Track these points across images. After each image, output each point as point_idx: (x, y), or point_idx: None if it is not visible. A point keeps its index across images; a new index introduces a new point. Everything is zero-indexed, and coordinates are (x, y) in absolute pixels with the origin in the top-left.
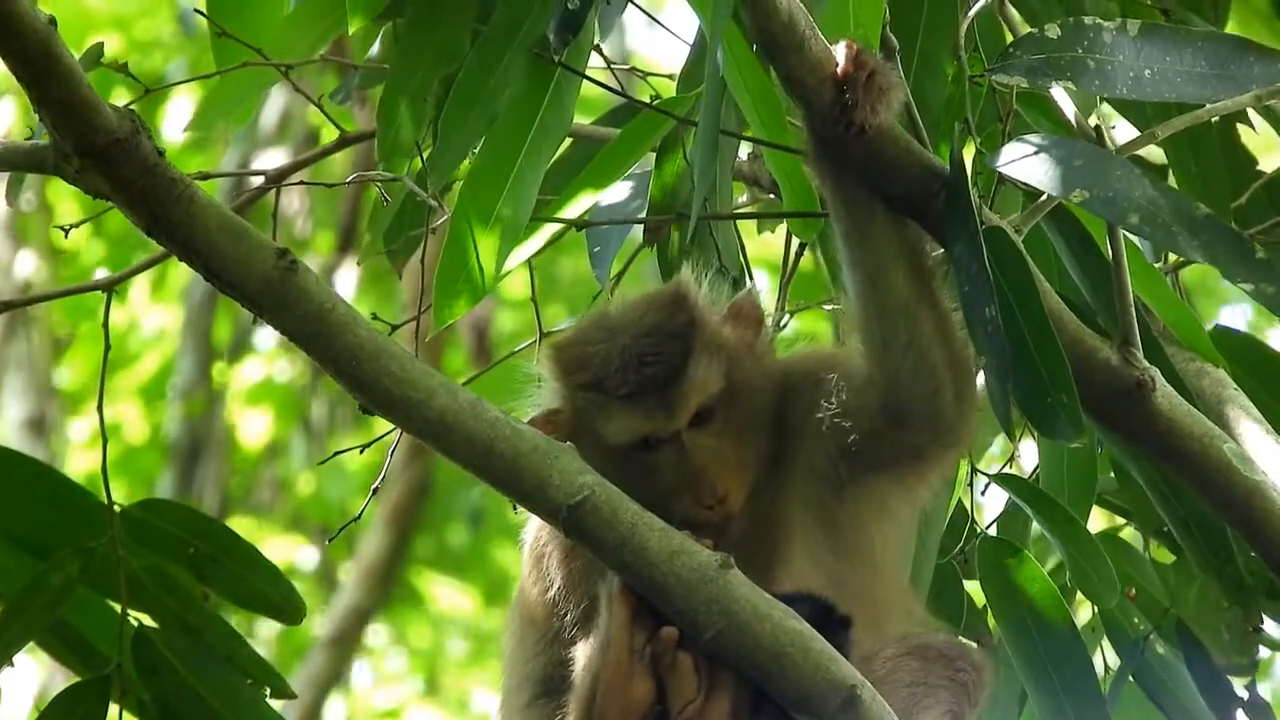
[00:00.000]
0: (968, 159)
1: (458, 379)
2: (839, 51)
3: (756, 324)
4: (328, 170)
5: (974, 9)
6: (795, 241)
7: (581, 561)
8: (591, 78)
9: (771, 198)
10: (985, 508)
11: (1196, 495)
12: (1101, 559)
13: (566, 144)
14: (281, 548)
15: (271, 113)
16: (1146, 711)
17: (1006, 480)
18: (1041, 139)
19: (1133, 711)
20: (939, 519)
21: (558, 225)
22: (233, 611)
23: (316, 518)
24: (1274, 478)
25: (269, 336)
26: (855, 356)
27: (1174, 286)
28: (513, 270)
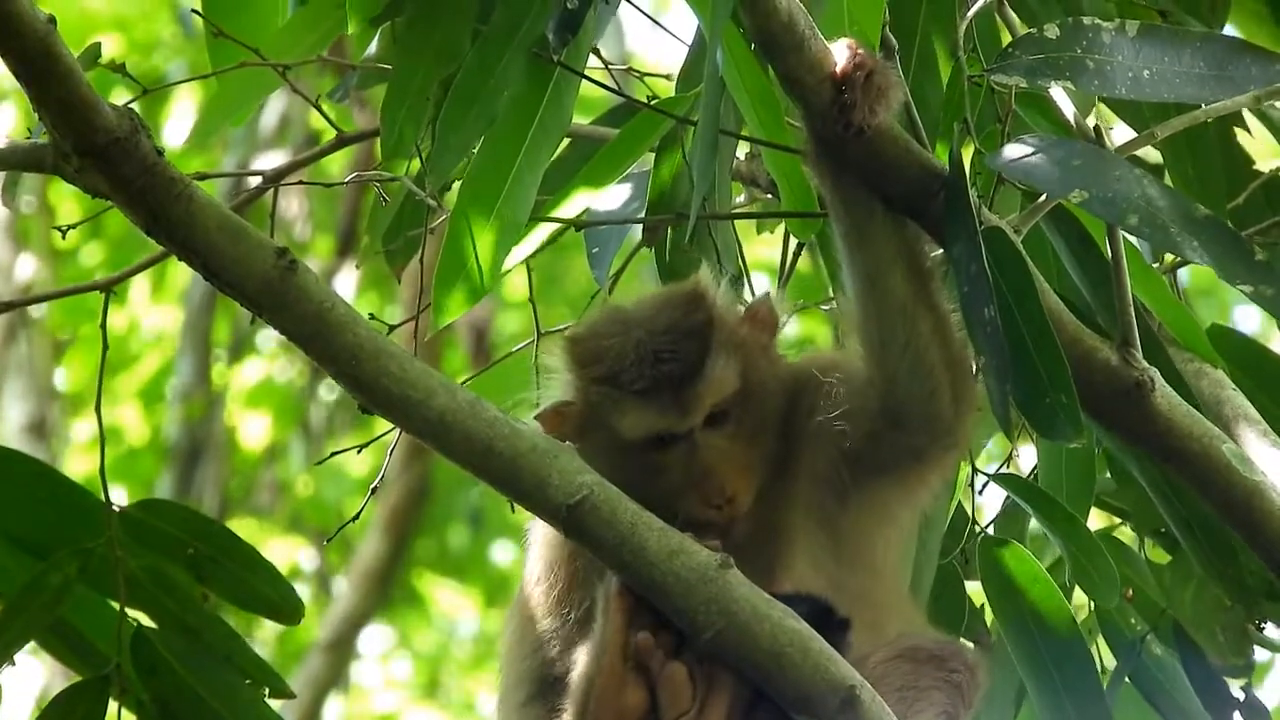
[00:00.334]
0: (967, 159)
1: (456, 379)
2: (838, 51)
3: (772, 327)
4: (328, 174)
5: (973, 9)
6: (793, 242)
7: (583, 561)
8: (591, 78)
9: (769, 198)
10: (985, 507)
11: (1196, 496)
12: (1103, 557)
13: (564, 144)
14: (282, 549)
15: (271, 115)
16: (1143, 712)
17: (1006, 479)
18: (1040, 139)
19: (1129, 712)
20: (940, 519)
21: (556, 225)
22: (233, 613)
23: (315, 520)
24: (1273, 478)
25: (270, 337)
26: (856, 359)
27: (1172, 287)
28: (513, 270)
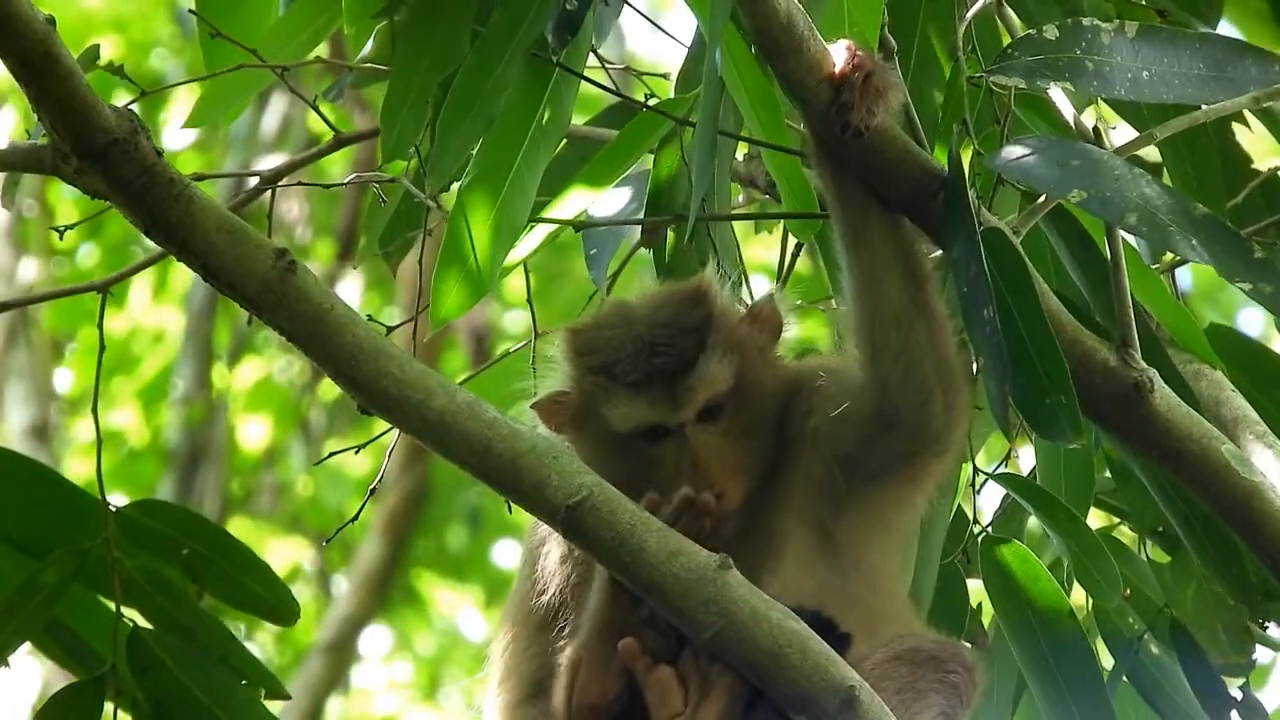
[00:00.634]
0: (966, 160)
1: (455, 381)
2: (837, 52)
3: (775, 329)
4: (330, 177)
5: (972, 10)
6: (791, 243)
7: (579, 566)
8: (590, 78)
9: (767, 198)
10: (985, 507)
11: (1195, 496)
12: (1104, 556)
13: (561, 144)
14: (283, 550)
15: (273, 117)
16: (1141, 712)
17: (1007, 479)
18: (1039, 140)
19: (1127, 712)
20: (941, 520)
21: (555, 225)
22: (234, 616)
23: (315, 522)
24: (1271, 479)
25: (271, 337)
26: (852, 364)
27: (1170, 288)
28: (513, 270)
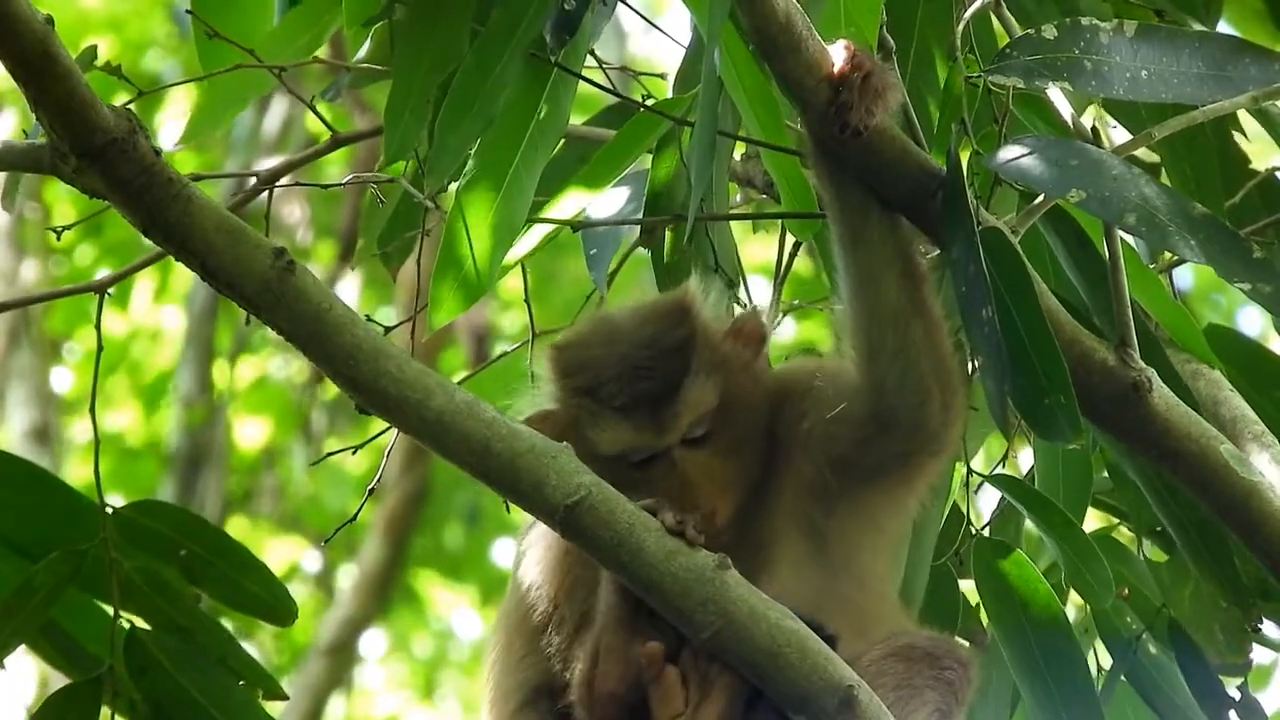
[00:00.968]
0: (964, 160)
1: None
2: (835, 52)
3: (759, 343)
4: (329, 178)
5: (970, 10)
6: (789, 243)
7: (574, 572)
8: (589, 79)
9: (765, 198)
10: (981, 509)
11: (1194, 496)
12: (1097, 560)
13: (559, 144)
14: (282, 550)
15: (274, 118)
16: (1139, 712)
17: (1001, 481)
18: (1038, 139)
19: (1125, 712)
20: (934, 520)
21: (552, 226)
22: (231, 616)
23: (315, 522)
24: (1269, 478)
25: (269, 337)
26: (845, 365)
27: (1169, 288)
28: (510, 270)
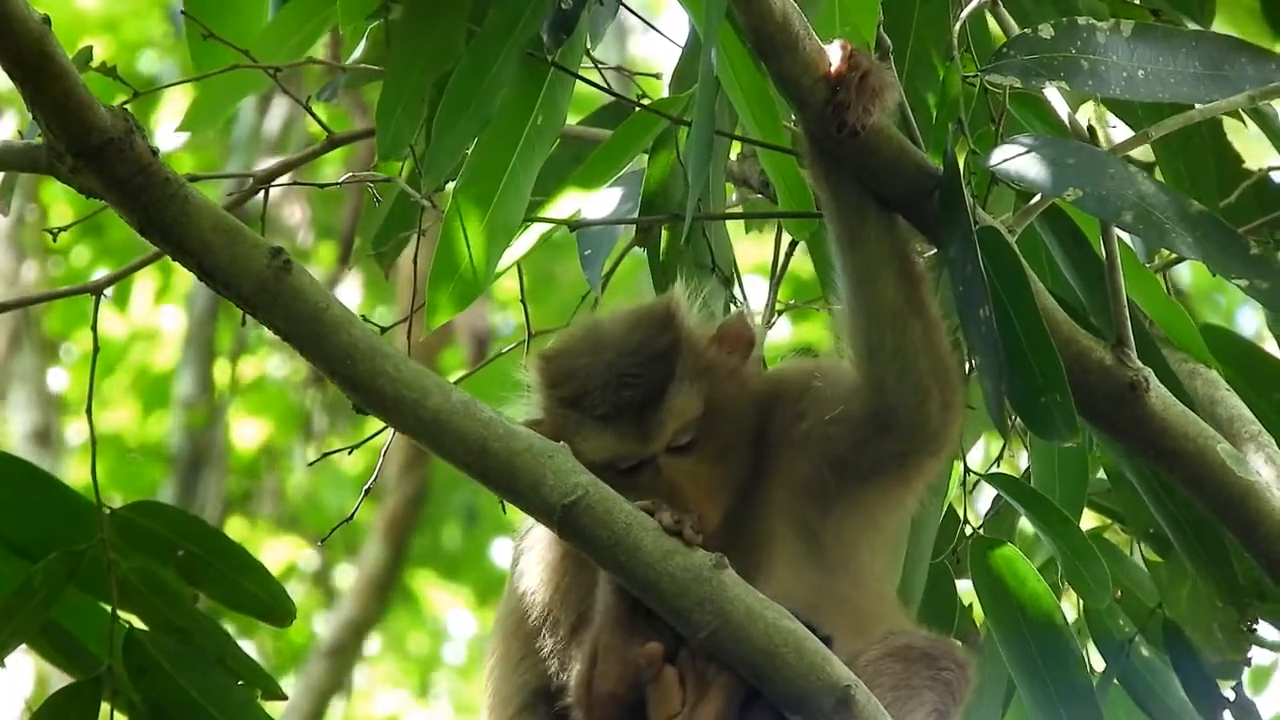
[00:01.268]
0: (961, 159)
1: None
2: (833, 52)
3: (746, 346)
4: (328, 178)
5: (967, 9)
6: (785, 242)
7: (570, 575)
8: (586, 78)
9: (760, 198)
10: (977, 507)
11: (1191, 496)
12: (1095, 558)
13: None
14: (279, 550)
15: (275, 120)
16: (1132, 714)
17: (999, 479)
18: (1034, 138)
19: (1119, 715)
20: (931, 519)
21: (548, 225)
22: (231, 617)
23: (315, 524)
24: (1266, 478)
25: (265, 337)
26: (840, 365)
27: (1165, 287)
28: (507, 270)
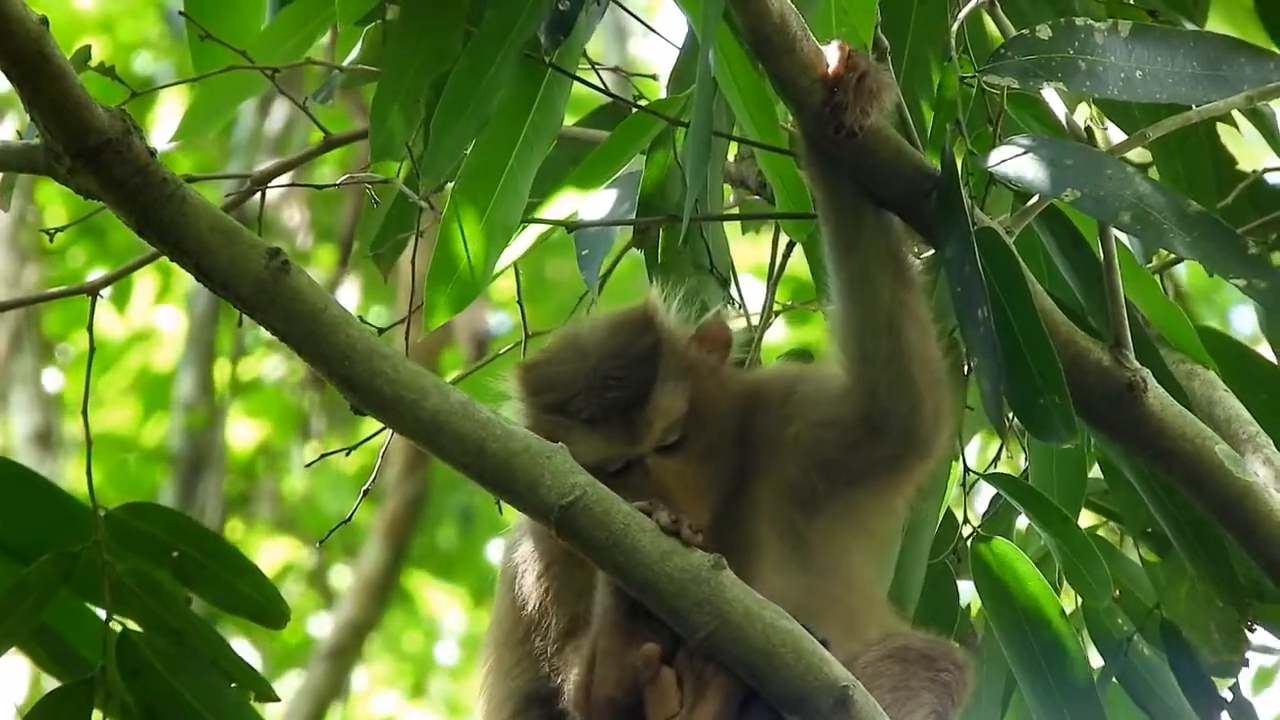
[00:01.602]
0: (959, 160)
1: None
2: (830, 53)
3: (724, 346)
4: (328, 180)
5: (964, 10)
6: (783, 243)
7: (562, 579)
8: (583, 79)
9: (757, 198)
10: (977, 508)
11: (1189, 496)
12: (1095, 557)
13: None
14: (275, 549)
15: (276, 121)
16: (1131, 714)
17: (999, 479)
18: (1032, 139)
19: (1117, 714)
20: (930, 519)
21: (545, 226)
22: (227, 618)
23: (312, 525)
24: (1264, 479)
25: (261, 337)
26: (828, 369)
27: (1163, 288)
28: (504, 271)
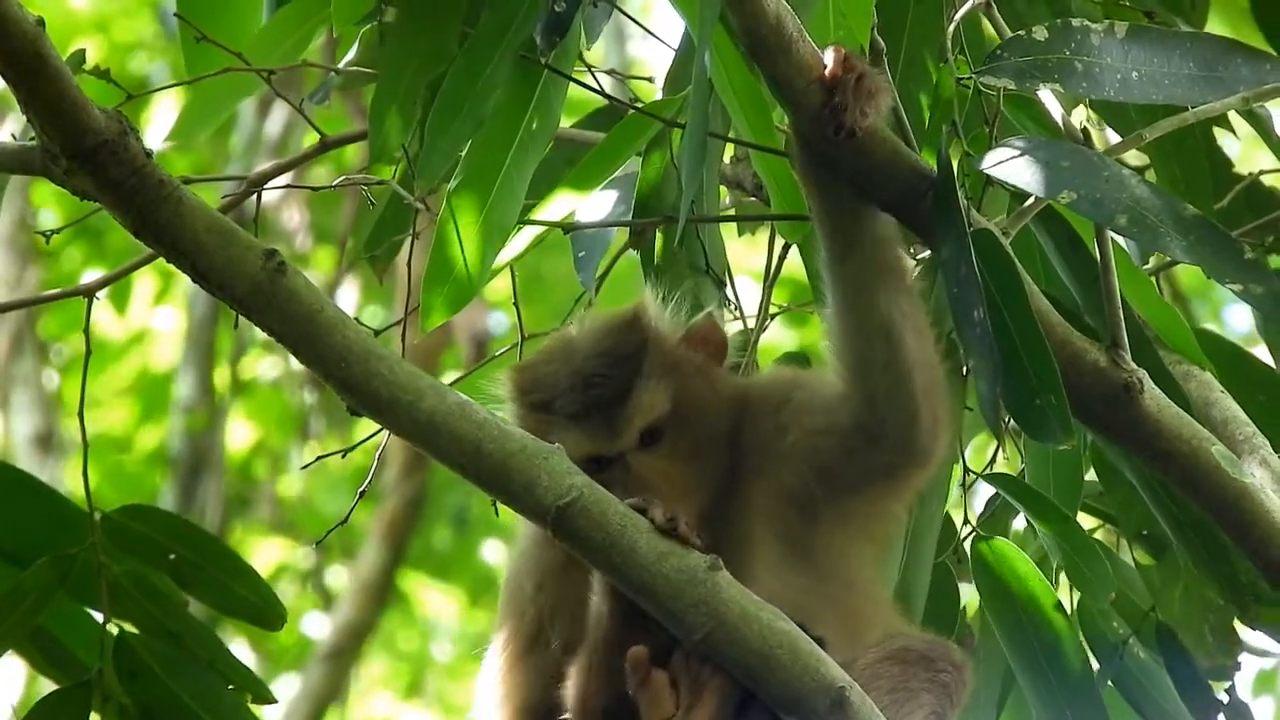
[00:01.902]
0: (955, 161)
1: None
2: (827, 54)
3: (716, 347)
4: (326, 181)
5: (960, 11)
6: (779, 245)
7: (562, 588)
8: (580, 81)
9: (753, 200)
10: (976, 508)
11: (1186, 497)
12: (1096, 556)
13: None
14: (270, 550)
15: (275, 123)
16: (1127, 716)
17: (999, 479)
18: (1028, 141)
19: (1113, 717)
20: (933, 521)
21: (541, 228)
22: (223, 619)
23: (310, 527)
24: (1260, 480)
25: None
26: (823, 376)
27: (1160, 289)
28: (500, 272)
